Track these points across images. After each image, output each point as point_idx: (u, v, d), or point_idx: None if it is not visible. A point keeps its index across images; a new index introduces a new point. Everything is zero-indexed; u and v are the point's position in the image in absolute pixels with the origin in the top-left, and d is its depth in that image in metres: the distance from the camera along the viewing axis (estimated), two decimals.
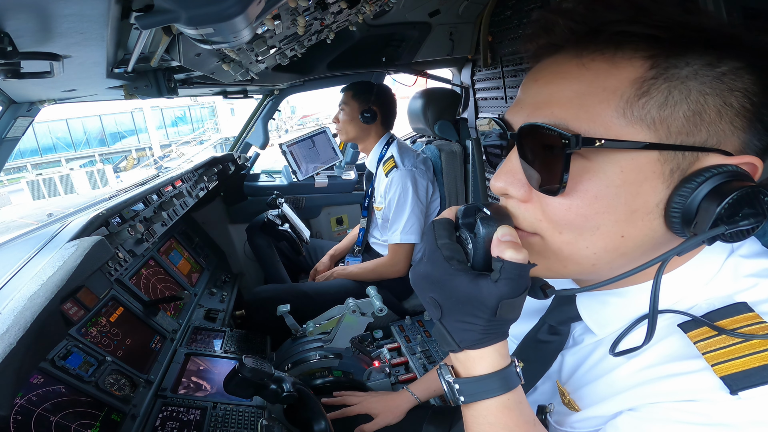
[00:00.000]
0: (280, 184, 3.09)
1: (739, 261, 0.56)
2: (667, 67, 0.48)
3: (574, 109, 0.50)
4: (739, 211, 0.46)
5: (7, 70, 0.88)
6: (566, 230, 0.53)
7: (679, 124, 0.48)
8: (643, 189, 0.50)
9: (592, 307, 0.65)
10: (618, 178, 0.49)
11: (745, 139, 0.50)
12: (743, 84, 0.48)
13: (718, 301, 0.54)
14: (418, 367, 1.84)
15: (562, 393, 0.69)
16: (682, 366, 0.51)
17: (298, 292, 2.19)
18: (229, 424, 1.26)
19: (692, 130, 0.48)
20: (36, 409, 0.97)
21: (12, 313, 0.84)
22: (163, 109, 26.28)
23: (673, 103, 0.48)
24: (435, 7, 2.37)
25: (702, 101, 0.48)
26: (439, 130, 2.43)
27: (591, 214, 0.51)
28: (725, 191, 0.46)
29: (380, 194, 2.25)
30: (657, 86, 0.48)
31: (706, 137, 0.49)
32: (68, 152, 24.54)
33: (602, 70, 0.50)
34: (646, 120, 0.48)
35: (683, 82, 0.48)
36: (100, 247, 1.19)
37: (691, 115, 0.48)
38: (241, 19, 0.74)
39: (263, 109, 2.94)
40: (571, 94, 0.51)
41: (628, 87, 0.49)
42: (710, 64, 0.48)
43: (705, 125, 0.48)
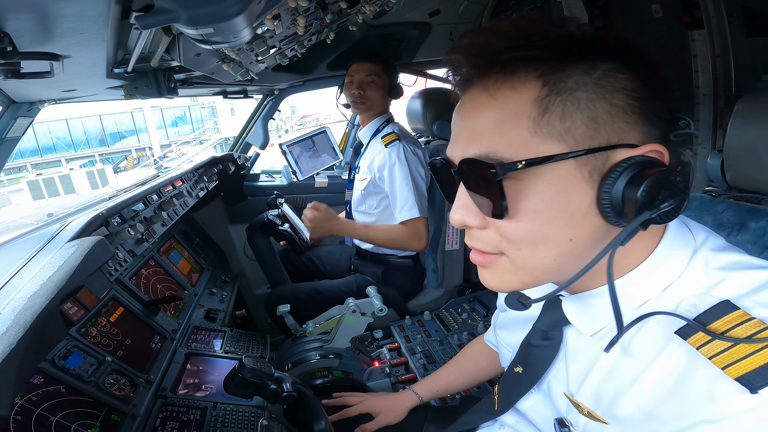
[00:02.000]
0: (280, 184, 3.09)
1: (709, 254, 0.58)
2: (555, 83, 0.53)
3: (497, 137, 0.55)
4: (658, 195, 0.51)
5: (7, 70, 0.88)
6: (523, 246, 0.57)
7: (581, 131, 0.53)
8: (572, 194, 0.54)
9: (576, 309, 0.67)
10: (549, 190, 0.54)
11: (643, 130, 0.54)
12: (620, 83, 0.53)
13: (698, 299, 0.55)
14: (418, 367, 1.84)
15: (577, 405, 0.68)
16: (696, 379, 0.51)
17: (313, 291, 2.18)
18: (229, 424, 1.26)
19: (593, 134, 0.53)
20: (36, 409, 0.97)
21: (12, 313, 0.84)
22: (163, 109, 26.30)
23: (570, 114, 0.52)
24: (435, 7, 2.37)
25: (592, 107, 0.52)
26: (438, 130, 2.43)
27: (537, 228, 0.55)
28: (640, 179, 0.51)
29: (366, 165, 2.20)
30: (553, 102, 0.53)
31: (607, 137, 0.53)
32: (68, 152, 24.55)
33: (506, 96, 0.55)
34: (553, 134, 0.53)
35: (571, 94, 0.52)
36: (100, 247, 1.19)
37: (588, 121, 0.53)
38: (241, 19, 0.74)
39: (263, 109, 2.94)
40: (490, 123, 0.56)
41: (530, 107, 0.53)
42: (586, 72, 0.53)
43: (602, 127, 0.53)
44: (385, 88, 2.15)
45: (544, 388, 0.78)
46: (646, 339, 0.58)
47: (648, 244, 0.60)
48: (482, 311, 2.20)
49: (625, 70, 0.53)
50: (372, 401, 1.36)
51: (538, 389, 0.80)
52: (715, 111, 2.10)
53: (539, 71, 0.54)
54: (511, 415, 0.89)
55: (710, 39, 2.01)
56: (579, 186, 0.54)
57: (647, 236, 0.59)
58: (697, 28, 2.03)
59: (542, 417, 0.79)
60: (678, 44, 2.10)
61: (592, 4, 2.29)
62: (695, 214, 1.02)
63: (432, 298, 2.40)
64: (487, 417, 0.93)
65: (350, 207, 2.37)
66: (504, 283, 0.62)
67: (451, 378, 1.30)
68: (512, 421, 0.89)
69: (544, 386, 0.78)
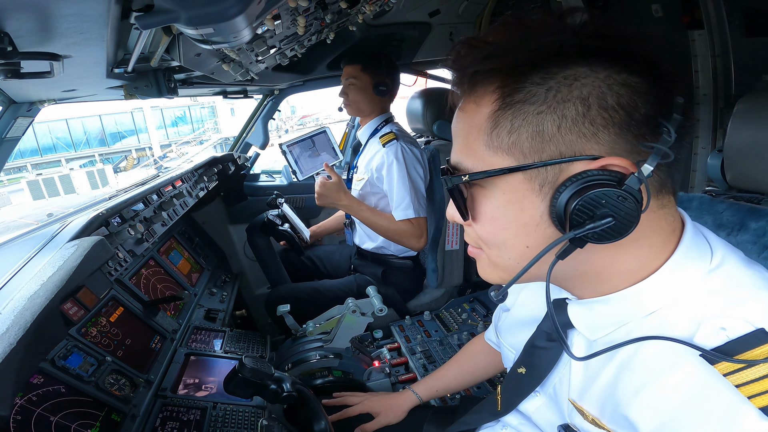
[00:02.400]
0: (280, 184, 3.09)
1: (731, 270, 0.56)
2: (507, 96, 0.54)
3: (464, 148, 0.60)
4: (589, 214, 0.51)
5: (7, 70, 0.89)
6: (490, 246, 0.62)
7: (527, 145, 0.54)
8: (525, 205, 0.56)
9: (581, 314, 0.67)
10: (503, 199, 0.57)
11: (607, 140, 0.52)
12: (577, 92, 0.52)
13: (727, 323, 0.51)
14: (418, 367, 1.84)
15: (581, 411, 0.67)
16: (716, 400, 0.50)
17: (313, 291, 2.18)
18: (229, 424, 1.26)
19: (541, 148, 0.53)
20: (36, 409, 0.97)
21: (12, 313, 0.84)
22: (163, 109, 26.29)
23: (517, 128, 0.54)
24: (435, 7, 2.37)
25: (538, 120, 0.53)
26: (438, 130, 2.43)
27: (495, 232, 0.59)
28: (579, 196, 0.51)
29: (364, 165, 2.20)
30: (504, 116, 0.55)
31: (557, 151, 0.53)
32: (68, 152, 24.54)
33: (471, 110, 0.58)
34: (503, 147, 0.55)
35: (520, 107, 0.53)
36: (100, 247, 1.19)
37: (534, 135, 0.53)
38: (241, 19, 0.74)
39: (263, 109, 2.94)
40: (460, 135, 0.60)
41: (485, 121, 0.56)
42: (539, 82, 0.53)
43: (548, 141, 0.53)
44: (366, 89, 2.13)
45: (550, 392, 0.77)
46: (652, 354, 0.56)
47: (658, 254, 0.58)
48: (482, 311, 2.20)
49: (584, 76, 0.52)
50: (372, 401, 1.36)
51: (543, 392, 0.79)
52: (715, 111, 2.10)
53: (497, 84, 0.55)
54: (514, 416, 0.88)
55: (710, 39, 2.01)
56: (530, 198, 0.56)
57: (660, 241, 0.57)
58: (697, 28, 2.03)
59: (547, 421, 0.78)
60: (678, 44, 2.10)
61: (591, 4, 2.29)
62: (695, 214, 1.02)
63: (432, 298, 2.40)
64: (490, 417, 0.92)
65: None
66: (487, 275, 0.67)
67: (450, 378, 1.30)
68: (515, 423, 0.88)
69: (550, 390, 0.77)
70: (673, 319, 0.56)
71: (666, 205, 0.57)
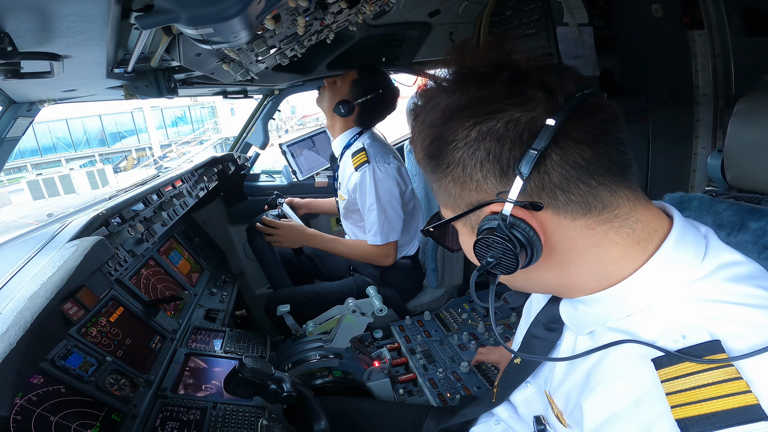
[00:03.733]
0: (280, 184, 3.09)
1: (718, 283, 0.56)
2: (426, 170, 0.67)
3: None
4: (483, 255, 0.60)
5: (7, 70, 0.89)
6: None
7: (451, 202, 0.64)
8: (464, 238, 0.68)
9: (568, 311, 0.70)
10: (461, 237, 0.69)
11: (492, 187, 0.59)
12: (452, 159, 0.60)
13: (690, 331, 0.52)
14: (418, 367, 1.84)
15: (551, 403, 0.71)
16: (646, 408, 0.52)
17: (312, 293, 2.19)
18: (229, 424, 1.26)
19: (456, 204, 0.64)
20: (36, 409, 0.97)
21: (12, 313, 0.84)
22: (163, 109, 26.29)
23: (437, 192, 0.66)
24: (435, 7, 2.37)
25: (445, 186, 0.63)
26: None
27: (468, 254, 0.67)
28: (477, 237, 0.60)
29: (344, 184, 2.18)
30: (432, 182, 0.67)
31: (465, 202, 0.62)
32: (68, 152, 24.55)
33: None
34: (442, 203, 0.68)
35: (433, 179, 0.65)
36: (100, 247, 1.19)
37: (449, 196, 0.64)
38: (241, 19, 0.74)
39: (263, 109, 2.94)
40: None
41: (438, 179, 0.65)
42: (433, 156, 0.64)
43: (457, 198, 0.63)
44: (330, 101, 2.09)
45: (540, 383, 0.80)
46: (617, 357, 0.58)
47: (624, 260, 0.59)
48: (482, 311, 2.20)
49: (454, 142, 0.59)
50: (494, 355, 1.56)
51: (534, 383, 0.82)
52: (715, 111, 2.10)
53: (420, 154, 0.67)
54: (505, 409, 0.91)
55: (710, 39, 2.01)
56: (470, 235, 0.65)
57: (615, 253, 0.59)
58: (697, 28, 2.03)
59: (529, 411, 0.82)
60: (678, 44, 2.10)
61: (592, 3, 2.29)
62: (695, 214, 1.02)
63: (432, 298, 2.40)
64: (485, 408, 0.96)
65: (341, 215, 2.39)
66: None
67: None
68: (506, 416, 0.91)
69: (540, 381, 0.80)
70: (644, 325, 0.57)
71: (611, 219, 0.58)
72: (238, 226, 2.86)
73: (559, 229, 0.58)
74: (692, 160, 2.25)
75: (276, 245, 2.22)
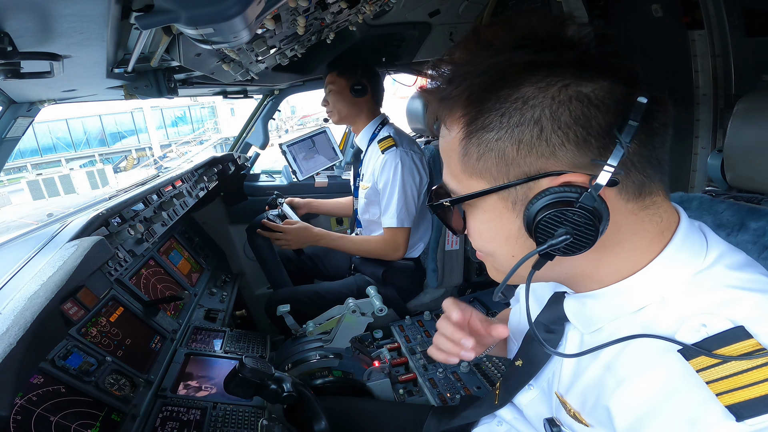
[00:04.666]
0: (280, 184, 3.09)
1: (723, 271, 0.56)
2: (469, 124, 0.56)
3: (447, 170, 0.63)
4: (553, 231, 0.53)
5: (7, 70, 0.89)
6: (485, 255, 0.66)
7: (495, 169, 0.56)
8: (503, 222, 0.59)
9: (575, 308, 0.69)
10: (484, 217, 0.61)
11: (567, 157, 0.53)
12: (527, 115, 0.52)
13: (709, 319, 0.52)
14: (418, 367, 1.84)
15: (564, 404, 0.69)
16: (686, 399, 0.51)
17: (313, 293, 2.18)
18: (229, 424, 1.26)
19: (506, 170, 0.55)
20: (36, 409, 0.97)
21: (12, 313, 0.84)
22: (163, 109, 26.28)
23: (482, 155, 0.56)
24: (435, 7, 2.37)
25: (498, 146, 0.55)
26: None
27: (484, 244, 0.64)
28: (544, 212, 0.53)
29: (369, 172, 2.19)
30: (470, 144, 0.57)
31: (521, 171, 0.55)
32: (68, 152, 24.54)
33: (446, 135, 0.61)
34: (475, 173, 0.58)
35: (481, 136, 0.55)
36: (100, 247, 1.19)
37: (498, 160, 0.55)
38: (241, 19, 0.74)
39: (263, 109, 2.94)
40: (443, 157, 0.64)
41: (457, 146, 0.58)
42: (492, 109, 0.54)
43: (511, 164, 0.55)
44: (343, 92, 2.11)
45: (543, 386, 0.79)
46: (636, 352, 0.57)
47: (643, 255, 0.59)
48: (482, 311, 2.20)
49: (539, 96, 0.52)
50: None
51: (536, 385, 0.81)
52: (715, 111, 2.10)
53: (459, 112, 0.57)
54: (509, 411, 0.89)
55: (710, 39, 2.00)
56: (506, 215, 0.58)
57: (644, 243, 0.58)
58: (697, 28, 2.03)
59: (537, 414, 0.80)
60: (678, 44, 2.10)
61: (592, 3, 2.29)
62: (695, 214, 1.02)
63: (432, 298, 2.40)
64: (488, 411, 0.94)
65: (357, 215, 2.37)
66: (494, 277, 0.70)
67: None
68: (510, 417, 0.89)
69: (543, 383, 0.79)
70: (659, 317, 0.57)
71: (650, 205, 0.58)
72: (238, 226, 2.86)
73: (613, 210, 0.54)
74: (692, 160, 2.24)
75: (284, 248, 2.21)
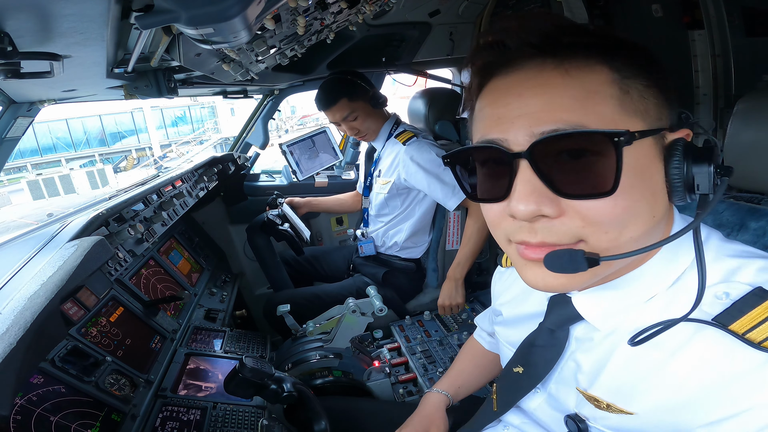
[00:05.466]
0: (280, 184, 3.09)
1: (717, 244, 0.61)
2: (620, 68, 0.54)
3: (580, 112, 0.52)
4: (717, 171, 0.54)
5: (7, 70, 0.88)
6: (611, 227, 0.54)
7: (654, 111, 0.56)
8: (652, 171, 0.55)
9: (592, 302, 0.66)
10: (638, 166, 0.53)
11: (669, 116, 0.58)
12: (651, 76, 0.56)
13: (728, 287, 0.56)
14: (418, 367, 1.84)
15: (594, 399, 0.67)
16: (744, 362, 0.52)
17: (312, 296, 2.18)
18: (230, 424, 1.26)
19: (659, 115, 0.57)
20: (36, 409, 0.97)
21: (12, 313, 0.84)
22: (163, 109, 26.28)
23: (642, 96, 0.55)
24: (435, 7, 2.37)
25: (648, 92, 0.56)
26: (440, 130, 2.43)
27: (632, 204, 0.53)
28: (703, 156, 0.54)
29: (387, 167, 2.16)
30: (630, 84, 0.54)
31: (664, 119, 0.57)
32: (68, 152, 24.54)
33: (582, 75, 0.54)
34: (637, 113, 0.54)
35: (635, 80, 0.55)
36: (100, 247, 1.19)
37: (656, 102, 0.56)
38: (241, 19, 0.74)
39: (263, 109, 2.94)
40: (569, 99, 0.53)
41: (610, 87, 0.54)
42: (632, 63, 0.55)
43: (661, 108, 0.57)
44: (368, 110, 2.10)
45: (551, 388, 0.78)
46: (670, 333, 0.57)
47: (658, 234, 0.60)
48: (482, 311, 2.20)
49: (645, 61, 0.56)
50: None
51: (543, 389, 0.79)
52: (715, 111, 2.10)
53: (600, 57, 0.54)
54: (516, 415, 0.88)
55: (710, 39, 2.00)
56: (655, 163, 0.56)
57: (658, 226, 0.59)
58: (697, 28, 2.03)
59: (550, 416, 0.79)
60: (678, 44, 2.10)
61: (592, 3, 2.29)
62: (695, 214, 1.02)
63: (432, 298, 2.40)
64: (490, 418, 0.92)
65: (367, 214, 2.37)
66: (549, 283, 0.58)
67: (469, 370, 1.20)
68: (518, 422, 0.88)
69: (551, 386, 0.77)
70: (676, 298, 0.59)
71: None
72: (238, 226, 2.86)
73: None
74: None
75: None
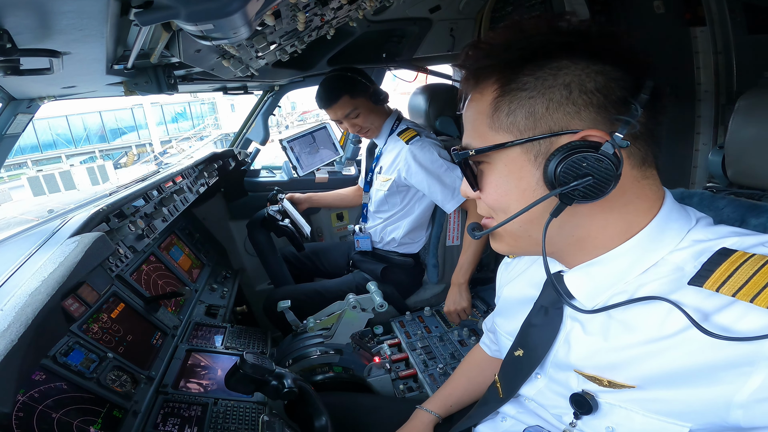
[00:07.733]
0: (280, 180, 3.09)
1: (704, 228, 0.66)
2: (504, 85, 0.66)
3: (472, 132, 0.71)
4: (576, 174, 0.61)
5: (6, 66, 0.88)
6: (497, 212, 0.72)
7: (523, 124, 0.65)
8: (523, 174, 0.67)
9: (580, 280, 0.72)
10: (504, 170, 0.68)
11: (588, 118, 0.63)
12: (561, 80, 0.62)
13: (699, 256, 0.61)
14: (419, 363, 1.85)
15: (594, 378, 0.70)
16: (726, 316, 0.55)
17: (312, 292, 2.18)
18: (230, 420, 1.27)
19: (533, 125, 0.64)
20: (38, 406, 0.97)
21: (13, 309, 0.84)
22: (163, 105, 26.25)
23: (513, 111, 0.65)
24: (435, 3, 2.36)
25: (530, 103, 0.64)
26: (440, 126, 2.43)
27: (499, 198, 0.70)
28: (563, 161, 0.62)
29: (388, 164, 2.16)
30: (502, 102, 0.66)
31: (547, 127, 0.64)
32: (68, 148, 24.53)
33: (477, 99, 0.70)
34: (502, 127, 0.67)
35: (515, 95, 0.65)
36: (100, 243, 1.19)
37: (528, 115, 0.65)
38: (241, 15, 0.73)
39: (263, 105, 2.93)
40: (469, 121, 0.72)
41: (488, 107, 0.68)
42: (529, 74, 0.64)
43: (540, 119, 0.64)
44: (369, 107, 2.07)
45: (550, 371, 0.79)
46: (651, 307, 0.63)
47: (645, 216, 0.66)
48: (483, 307, 2.20)
49: (572, 67, 0.62)
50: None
51: (542, 373, 0.80)
52: (716, 107, 2.09)
53: (495, 77, 0.67)
54: (512, 406, 0.89)
55: (712, 36, 2.00)
56: (527, 167, 0.66)
57: (646, 206, 0.66)
58: (699, 25, 2.02)
59: (553, 401, 0.79)
60: (680, 41, 2.09)
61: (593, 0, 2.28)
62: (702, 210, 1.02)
63: (432, 294, 2.40)
64: (495, 405, 0.92)
65: (366, 209, 2.36)
66: (498, 247, 0.77)
67: (461, 389, 1.23)
68: (513, 412, 0.89)
69: (549, 369, 0.79)
70: (661, 273, 0.64)
71: (649, 176, 0.67)
72: (239, 221, 2.86)
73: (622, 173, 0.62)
74: (693, 157, 2.24)
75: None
